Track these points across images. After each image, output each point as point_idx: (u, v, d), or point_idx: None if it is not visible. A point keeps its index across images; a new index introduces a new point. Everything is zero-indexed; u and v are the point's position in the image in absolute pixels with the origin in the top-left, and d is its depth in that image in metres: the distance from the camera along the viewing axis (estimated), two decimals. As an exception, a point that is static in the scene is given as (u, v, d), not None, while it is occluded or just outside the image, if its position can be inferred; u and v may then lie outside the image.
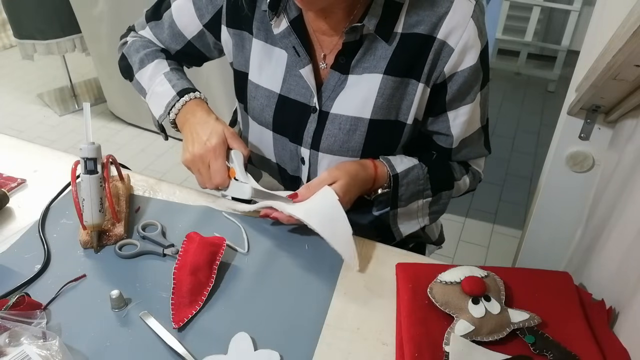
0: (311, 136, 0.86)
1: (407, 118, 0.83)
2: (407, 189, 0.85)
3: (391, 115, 0.83)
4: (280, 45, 0.84)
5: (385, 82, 0.80)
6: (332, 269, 0.77)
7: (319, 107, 0.84)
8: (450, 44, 0.77)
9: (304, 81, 0.83)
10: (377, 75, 0.80)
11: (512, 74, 3.49)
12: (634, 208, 0.75)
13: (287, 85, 0.85)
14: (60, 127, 2.85)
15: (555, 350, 0.63)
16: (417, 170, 0.85)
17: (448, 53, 0.77)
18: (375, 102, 0.81)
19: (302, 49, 0.81)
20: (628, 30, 0.62)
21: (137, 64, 0.96)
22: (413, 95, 0.81)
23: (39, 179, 0.94)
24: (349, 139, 0.84)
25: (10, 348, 0.59)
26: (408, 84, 0.81)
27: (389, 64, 0.79)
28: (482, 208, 2.29)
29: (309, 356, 0.64)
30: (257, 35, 0.86)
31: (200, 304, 0.70)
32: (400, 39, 0.78)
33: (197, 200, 0.90)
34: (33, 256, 0.77)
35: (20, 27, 2.61)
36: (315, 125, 0.85)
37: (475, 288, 0.67)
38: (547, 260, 1.23)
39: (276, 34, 0.83)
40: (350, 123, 0.82)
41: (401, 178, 0.84)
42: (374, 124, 0.82)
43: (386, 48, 0.79)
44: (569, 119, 1.05)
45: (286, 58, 0.84)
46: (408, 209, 0.88)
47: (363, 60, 0.80)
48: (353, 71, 0.81)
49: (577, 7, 3.10)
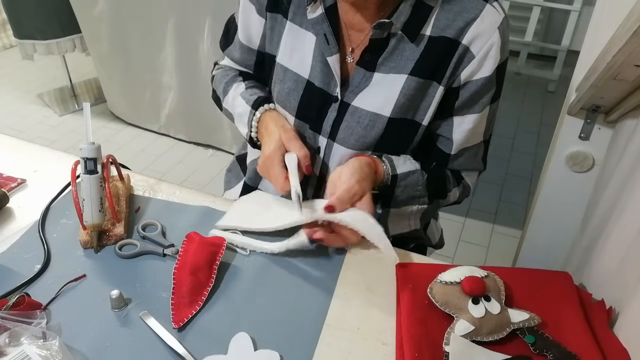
0: (330, 125, 0.86)
1: (424, 119, 0.84)
2: (403, 192, 0.85)
3: (409, 114, 0.83)
4: (313, 30, 0.84)
5: (410, 83, 0.80)
6: (332, 269, 0.77)
7: (340, 97, 0.84)
8: (473, 51, 0.78)
9: (329, 70, 0.84)
10: (402, 76, 0.80)
11: (512, 74, 3.49)
12: (634, 208, 0.75)
13: (314, 72, 0.86)
14: (60, 127, 2.85)
15: (555, 350, 0.63)
16: (417, 176, 0.85)
17: (469, 59, 0.78)
18: (397, 101, 0.81)
19: (332, 37, 0.82)
20: (628, 30, 0.62)
21: (222, 94, 0.99)
22: (432, 98, 0.82)
23: (39, 179, 0.94)
24: (366, 134, 0.84)
25: (10, 348, 0.59)
26: (430, 86, 0.81)
27: (415, 66, 0.80)
28: (482, 208, 2.29)
29: (309, 356, 0.64)
30: (292, 19, 0.87)
31: (200, 304, 0.70)
32: (429, 41, 0.79)
33: (197, 200, 0.90)
34: (33, 256, 0.77)
35: (20, 27, 2.61)
36: (335, 115, 0.85)
37: (475, 288, 0.67)
38: (547, 260, 1.24)
39: (309, 19, 0.84)
40: (369, 118, 0.83)
41: (400, 179, 0.84)
42: (392, 122, 0.83)
43: (413, 49, 0.79)
44: (569, 119, 1.05)
45: (315, 44, 0.84)
46: (401, 211, 0.88)
47: (390, 60, 0.81)
48: (379, 69, 0.82)
49: (577, 7, 3.10)
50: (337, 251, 0.80)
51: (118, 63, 2.61)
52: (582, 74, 0.94)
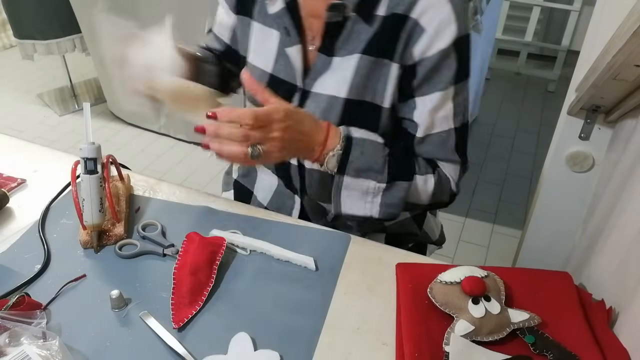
0: None
1: (383, 101, 0.82)
2: (359, 158, 0.78)
3: (367, 96, 0.82)
4: (274, 25, 0.86)
5: (362, 62, 0.80)
6: (332, 269, 0.77)
7: (302, 86, 0.85)
8: (423, 24, 0.76)
9: (292, 62, 0.85)
10: (355, 55, 0.81)
11: (512, 74, 3.49)
12: (634, 208, 0.75)
13: (278, 66, 0.87)
14: (60, 127, 2.85)
15: (555, 350, 0.63)
16: (377, 147, 0.80)
17: (419, 33, 0.77)
18: (352, 82, 0.81)
19: (293, 29, 0.83)
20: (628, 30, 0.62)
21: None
22: (387, 77, 0.81)
23: (39, 179, 0.94)
24: (325, 117, 0.83)
25: (10, 348, 0.59)
26: (384, 65, 0.80)
27: (367, 45, 0.80)
28: (482, 208, 2.29)
29: (309, 356, 0.64)
30: (257, 18, 0.89)
31: (200, 304, 0.70)
32: (382, 21, 0.78)
33: (197, 200, 0.90)
34: (33, 256, 0.77)
35: (20, 27, 2.61)
36: (297, 104, 0.86)
37: (475, 288, 0.67)
38: (547, 260, 1.24)
39: (271, 14, 0.86)
40: (327, 102, 0.83)
41: (355, 143, 0.78)
42: (349, 103, 0.82)
43: (368, 30, 0.79)
44: (569, 119, 1.05)
45: (278, 39, 0.86)
46: (357, 184, 0.79)
47: (347, 43, 0.81)
48: (338, 53, 0.82)
49: (577, 7, 3.10)
50: (337, 251, 0.80)
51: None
52: (582, 74, 0.94)
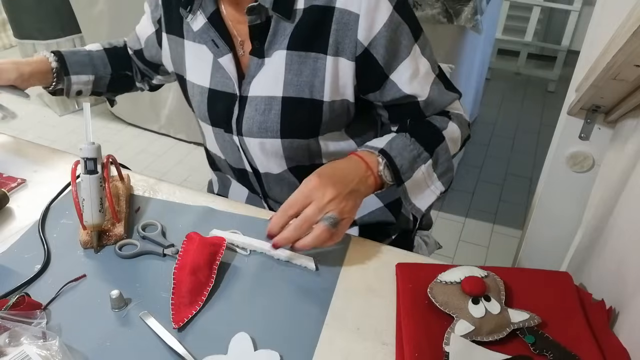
0: (235, 122, 0.88)
1: (323, 95, 0.82)
2: (402, 158, 0.79)
3: (304, 92, 0.82)
4: (201, 41, 0.87)
5: (291, 57, 0.80)
6: (332, 269, 0.77)
7: (239, 93, 0.85)
8: (353, 10, 0.76)
9: (226, 72, 0.85)
10: (281, 52, 0.81)
11: (512, 74, 3.49)
12: (634, 208, 0.75)
13: (215, 79, 0.88)
14: (60, 127, 2.85)
15: (555, 350, 0.63)
16: (400, 139, 0.81)
17: (354, 20, 0.77)
18: (285, 79, 0.81)
19: (220, 41, 0.84)
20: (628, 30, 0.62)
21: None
22: (323, 71, 0.80)
23: (39, 179, 0.94)
24: (265, 119, 0.84)
25: (10, 348, 0.59)
26: (317, 59, 0.80)
27: (290, 39, 0.80)
28: (482, 208, 2.29)
29: (309, 356, 0.64)
30: (187, 37, 0.89)
31: (200, 304, 0.70)
32: (302, 14, 0.79)
33: (197, 200, 0.90)
34: (33, 256, 0.77)
35: (20, 27, 2.61)
36: (237, 112, 0.87)
37: (475, 288, 0.67)
38: (547, 260, 1.24)
39: (196, 31, 0.86)
40: (265, 103, 0.84)
41: (388, 150, 0.79)
42: (288, 102, 0.82)
43: (290, 26, 0.80)
44: (569, 119, 1.05)
45: (210, 53, 0.86)
46: (415, 180, 0.81)
47: (274, 42, 0.81)
48: (267, 54, 0.82)
49: (577, 7, 3.10)
50: (337, 251, 0.80)
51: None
52: (582, 74, 0.94)
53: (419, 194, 0.83)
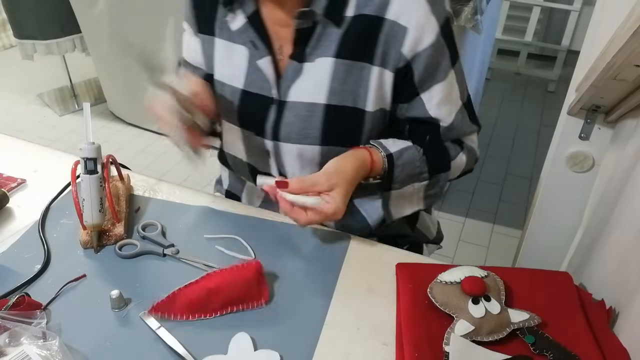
0: (272, 127, 0.86)
1: (366, 105, 0.82)
2: (402, 171, 0.83)
3: (348, 101, 0.82)
4: (239, 41, 0.85)
5: (337, 66, 0.80)
6: (332, 269, 0.77)
7: (278, 97, 0.84)
8: (403, 24, 0.76)
9: (264, 74, 0.84)
10: (328, 59, 0.80)
11: (512, 74, 3.49)
12: (634, 208, 0.75)
13: (249, 80, 0.86)
14: (60, 127, 2.85)
15: (555, 350, 0.63)
16: (413, 152, 0.84)
17: (402, 33, 0.77)
18: (329, 87, 0.81)
19: (260, 42, 0.82)
20: (628, 30, 0.62)
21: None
22: (368, 80, 0.80)
23: (39, 179, 0.94)
24: (306, 125, 0.83)
25: (10, 348, 0.59)
26: (362, 69, 0.80)
27: (339, 47, 0.79)
28: (482, 208, 2.29)
29: (309, 356, 0.64)
30: (219, 35, 0.87)
31: (183, 319, 0.68)
32: (351, 22, 0.78)
33: (197, 201, 0.90)
34: (33, 256, 0.77)
35: (20, 27, 2.61)
36: (274, 116, 0.85)
37: (475, 288, 0.67)
38: (547, 260, 1.23)
39: (234, 31, 0.84)
40: (306, 109, 0.83)
41: (396, 158, 0.82)
42: (331, 109, 0.82)
43: (338, 32, 0.79)
44: (569, 119, 1.05)
45: (247, 53, 0.85)
46: (402, 192, 0.86)
47: (317, 47, 0.81)
48: (308, 59, 0.81)
49: (577, 7, 3.10)
50: (337, 251, 0.80)
51: (118, 63, 2.61)
52: (582, 74, 0.94)
53: (398, 204, 0.88)
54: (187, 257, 0.77)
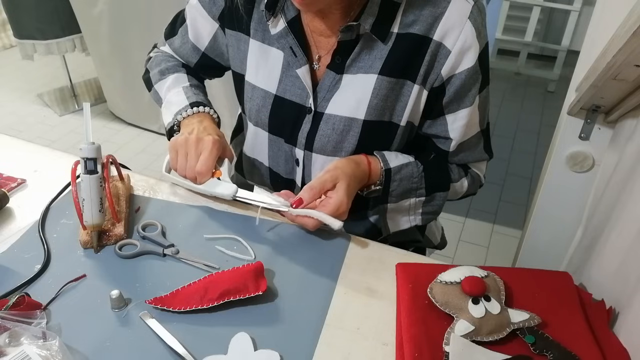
0: (305, 137, 0.86)
1: (401, 120, 0.83)
2: (399, 185, 0.84)
3: (385, 116, 0.82)
4: (277, 45, 0.84)
5: (380, 83, 0.79)
6: (332, 269, 0.77)
7: (314, 107, 0.83)
8: (447, 46, 0.76)
9: (300, 82, 0.83)
10: (372, 76, 0.79)
11: (512, 74, 3.49)
12: (634, 208, 0.75)
13: (283, 86, 0.85)
14: (60, 127, 2.85)
15: (555, 350, 0.63)
16: (412, 168, 0.85)
17: (445, 55, 0.77)
18: (369, 103, 0.80)
19: (299, 49, 0.81)
20: (628, 30, 0.62)
21: (157, 75, 0.99)
22: (408, 97, 0.81)
23: (39, 179, 0.94)
24: (342, 139, 0.83)
25: (10, 348, 0.59)
26: (403, 85, 0.80)
27: (384, 64, 0.79)
28: (482, 208, 2.29)
29: (309, 356, 0.64)
30: (254, 36, 0.86)
31: (180, 309, 0.68)
32: (396, 39, 0.78)
33: (197, 201, 0.90)
34: (33, 256, 0.77)
35: (20, 27, 2.61)
36: (309, 126, 0.85)
37: (475, 288, 0.67)
38: (547, 260, 1.24)
39: (273, 35, 0.83)
40: (344, 123, 0.82)
41: (394, 173, 0.83)
42: (368, 125, 0.82)
43: (382, 48, 0.78)
44: (569, 119, 1.05)
45: (282, 58, 0.84)
46: (399, 206, 0.87)
47: (358, 60, 0.80)
48: (348, 71, 0.81)
49: (577, 7, 3.10)
50: (337, 251, 0.80)
51: (118, 63, 2.61)
52: (582, 74, 0.94)
53: (395, 218, 0.89)
54: (187, 257, 0.77)
